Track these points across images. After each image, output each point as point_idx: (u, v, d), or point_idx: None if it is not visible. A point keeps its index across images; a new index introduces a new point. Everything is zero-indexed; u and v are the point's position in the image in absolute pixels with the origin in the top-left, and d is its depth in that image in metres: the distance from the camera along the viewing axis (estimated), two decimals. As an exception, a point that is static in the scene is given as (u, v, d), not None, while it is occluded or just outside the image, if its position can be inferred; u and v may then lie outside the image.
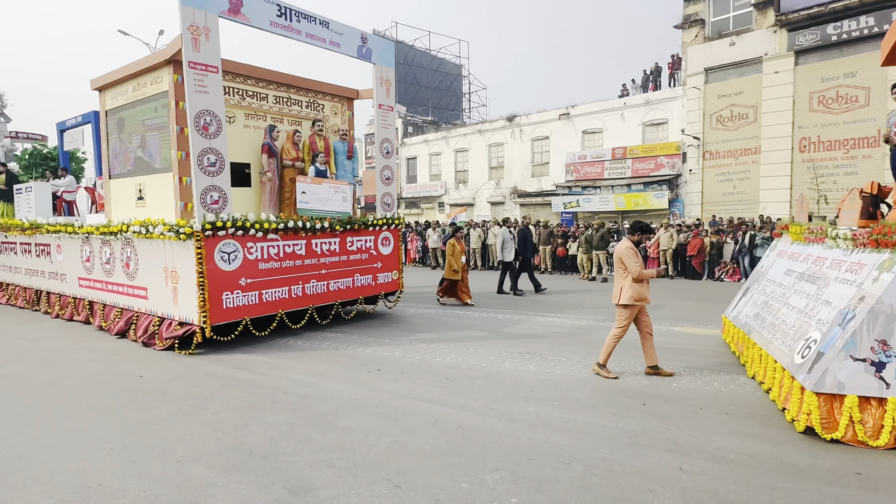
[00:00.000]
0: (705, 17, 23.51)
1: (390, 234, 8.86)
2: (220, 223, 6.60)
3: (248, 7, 6.92)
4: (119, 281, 7.79)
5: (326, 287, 7.92)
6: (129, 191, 8.02)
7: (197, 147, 6.52)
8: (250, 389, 5.23)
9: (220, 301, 6.74)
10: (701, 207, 23.66)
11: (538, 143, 29.65)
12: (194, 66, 6.45)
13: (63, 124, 12.75)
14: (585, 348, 6.84)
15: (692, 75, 23.70)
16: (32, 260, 9.97)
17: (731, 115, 22.86)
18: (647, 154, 25.53)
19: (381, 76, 8.55)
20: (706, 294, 12.39)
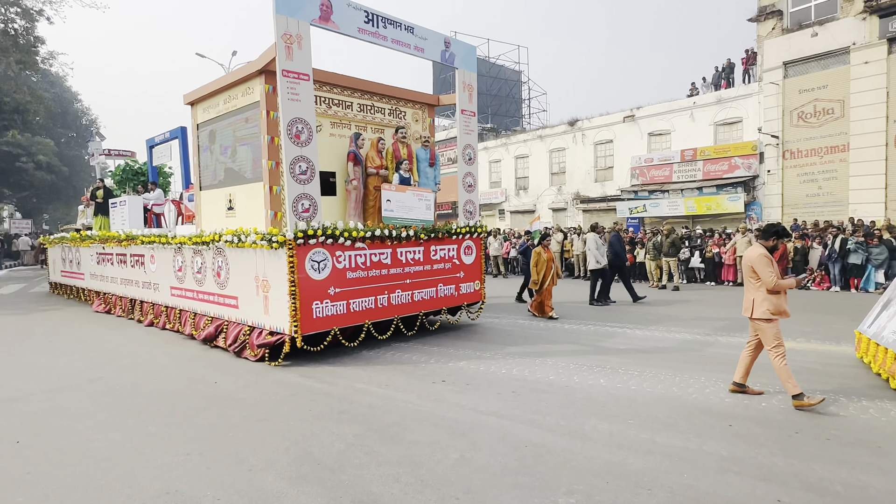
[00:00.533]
0: (783, 7, 22.00)
1: (473, 242, 8.53)
2: (310, 231, 6.47)
3: (338, 14, 6.79)
4: (210, 290, 7.82)
5: (411, 297, 7.67)
6: (220, 201, 8.08)
7: (289, 155, 6.41)
8: (317, 398, 5.22)
9: (311, 310, 6.59)
10: (781, 210, 22.05)
11: (601, 147, 28.69)
12: (287, 75, 6.36)
13: (152, 140, 13.24)
14: (687, 365, 6.24)
15: (769, 70, 22.22)
16: (128, 270, 10.29)
17: (815, 111, 21.24)
18: (720, 155, 24.11)
19: (464, 81, 8.27)
20: (791, 303, 11.39)
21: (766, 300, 4.66)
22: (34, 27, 31.20)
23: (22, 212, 42.72)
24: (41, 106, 32.58)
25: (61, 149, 40.92)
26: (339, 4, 6.79)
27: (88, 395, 5.48)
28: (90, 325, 9.89)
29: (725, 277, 15.82)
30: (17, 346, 8.00)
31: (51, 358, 7.18)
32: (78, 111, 46.68)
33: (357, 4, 6.96)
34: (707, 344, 7.32)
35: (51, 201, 43.04)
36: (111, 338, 8.49)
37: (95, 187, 13.27)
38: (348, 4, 6.87)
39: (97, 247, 11.63)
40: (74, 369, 6.51)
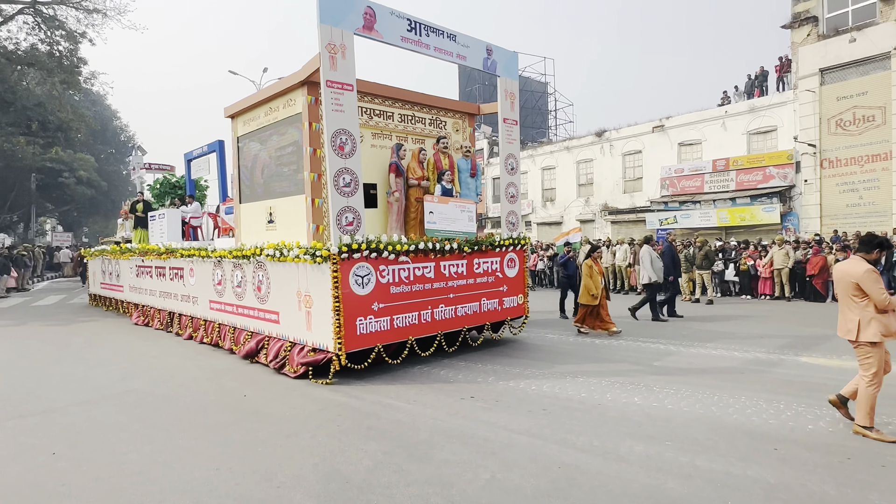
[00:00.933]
0: (818, 13, 21.26)
1: (516, 255, 8.18)
2: (355, 245, 6.21)
3: (381, 23, 6.58)
4: (250, 304, 7.62)
5: (454, 312, 7.34)
6: (260, 214, 7.90)
7: (333, 167, 6.19)
8: (345, 413, 5.14)
9: (354, 327, 6.32)
10: (820, 221, 21.12)
11: (630, 158, 28.09)
12: (331, 85, 6.15)
13: (190, 154, 13.26)
14: (746, 385, 5.77)
15: (805, 77, 21.45)
16: (166, 283, 10.20)
17: (854, 119, 20.39)
18: (754, 165, 23.31)
19: (506, 89, 7.98)
20: (833, 318, 10.71)
21: (874, 321, 4.15)
22: (77, 49, 32.06)
23: (63, 225, 43.84)
24: (83, 124, 33.38)
25: (101, 164, 41.91)
26: (383, 13, 6.59)
27: (122, 406, 5.49)
28: (125, 336, 9.98)
29: (762, 291, 15.09)
30: (55, 357, 8.07)
31: (87, 369, 7.22)
32: (117, 128, 47.90)
33: (400, 13, 6.75)
34: (774, 364, 6.81)
35: (90, 215, 44.08)
36: (145, 349, 8.55)
37: (135, 201, 13.34)
38: (391, 13, 6.66)
39: (136, 259, 11.61)
40: (109, 380, 6.55)
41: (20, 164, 32.96)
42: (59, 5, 31.55)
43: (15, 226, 38.03)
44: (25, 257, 25.20)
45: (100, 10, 32.03)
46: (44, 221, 43.88)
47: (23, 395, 5.98)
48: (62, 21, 31.59)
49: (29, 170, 34.05)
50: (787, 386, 5.71)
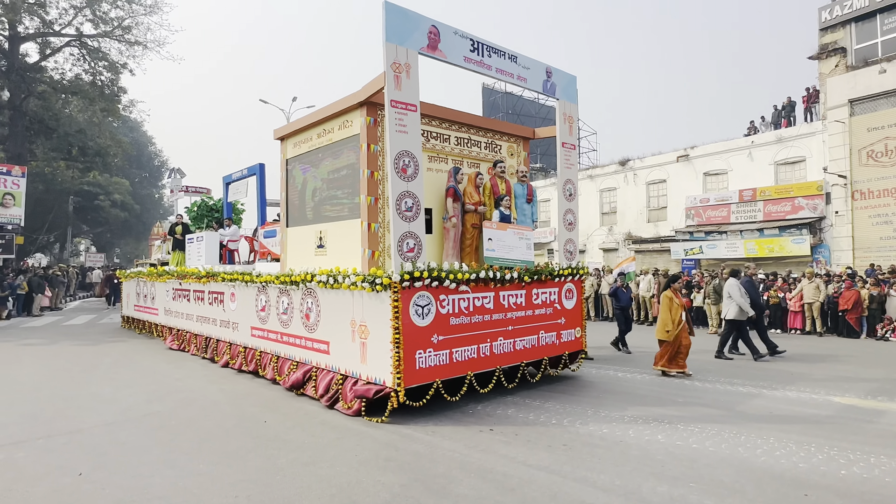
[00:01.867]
0: (846, 45, 20.75)
1: (574, 285, 7.56)
2: (417, 273, 5.66)
3: (445, 43, 6.16)
4: (297, 333, 7.07)
5: (513, 346, 6.71)
6: (309, 239, 7.42)
7: (395, 190, 5.69)
8: (363, 443, 4.99)
9: (414, 360, 5.72)
10: (852, 254, 20.17)
11: (654, 187, 27.46)
12: (396, 105, 5.70)
13: (229, 177, 12.95)
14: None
15: (833, 108, 20.81)
16: (205, 307, 9.72)
17: (886, 150, 19.62)
18: (782, 195, 22.50)
19: (565, 112, 7.49)
20: (868, 356, 9.86)
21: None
22: (118, 78, 32.69)
23: (97, 246, 44.15)
24: (120, 149, 33.77)
25: (135, 188, 42.35)
26: (447, 33, 6.17)
27: (146, 429, 5.44)
28: (151, 357, 9.89)
29: (792, 325, 14.19)
30: (84, 377, 8.03)
31: (113, 390, 7.15)
32: (151, 153, 48.60)
33: (463, 33, 6.33)
34: (881, 413, 6.02)
35: (122, 236, 44.38)
36: (169, 371, 8.50)
37: (174, 223, 13.01)
38: (455, 32, 6.25)
39: (174, 282, 11.19)
40: (134, 402, 6.49)
41: (59, 187, 33.33)
42: (103, 38, 32.36)
43: (51, 246, 38.29)
44: (60, 277, 25.17)
45: (141, 42, 32.77)
46: (78, 242, 44.22)
47: (51, 415, 5.94)
48: (105, 53, 32.40)
49: (67, 192, 34.42)
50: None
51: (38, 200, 31.06)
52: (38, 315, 19.54)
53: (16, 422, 5.69)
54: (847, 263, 19.48)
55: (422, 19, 5.95)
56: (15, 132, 28.94)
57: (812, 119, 22.59)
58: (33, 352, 10.67)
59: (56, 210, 34.13)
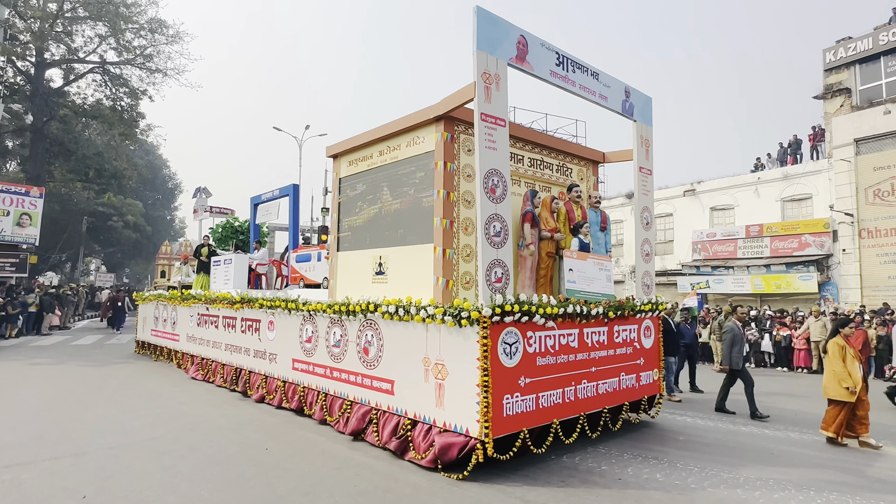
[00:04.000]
0: (851, 85, 20.48)
1: (651, 322, 6.65)
2: (508, 306, 4.74)
3: (533, 55, 5.40)
4: (352, 369, 6.07)
5: (596, 389, 5.75)
6: (365, 265, 6.49)
7: (485, 212, 4.82)
8: (362, 473, 4.81)
9: (501, 406, 4.75)
10: (860, 292, 19.41)
11: (661, 221, 26.79)
12: (486, 119, 4.88)
13: (258, 198, 12.06)
14: None
15: (839, 147, 20.39)
16: (237, 336, 8.67)
17: (893, 189, 19.12)
18: (789, 232, 21.86)
19: (642, 135, 6.72)
20: (874, 398, 9.08)
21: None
22: (138, 104, 32.19)
23: (107, 266, 42.83)
24: (135, 172, 32.99)
25: (147, 209, 41.33)
26: (534, 44, 5.41)
27: (150, 453, 5.27)
28: (156, 380, 9.55)
29: (798, 363, 13.26)
30: (90, 399, 7.78)
31: (119, 413, 6.93)
32: (165, 176, 47.70)
33: (549, 45, 5.58)
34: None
35: (133, 257, 43.10)
36: (174, 395, 8.21)
37: (200, 245, 12.01)
38: (542, 44, 5.49)
39: (200, 307, 10.13)
40: (139, 425, 6.30)
41: (74, 208, 32.35)
42: (125, 65, 32.00)
43: (63, 265, 36.97)
44: (70, 296, 24.04)
45: (161, 69, 32.40)
46: (89, 261, 42.86)
47: (58, 436, 5.77)
48: (127, 79, 32.00)
49: (82, 213, 33.41)
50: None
51: (53, 220, 30.02)
52: (47, 334, 18.72)
53: (23, 442, 5.52)
54: (855, 302, 18.76)
55: (511, 28, 5.19)
56: (35, 154, 28.23)
57: (818, 157, 22.18)
58: (41, 371, 10.28)
59: (70, 230, 33.03)
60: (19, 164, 32.41)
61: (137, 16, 31.50)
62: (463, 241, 5.56)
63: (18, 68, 28.90)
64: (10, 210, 22.32)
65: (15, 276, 21.49)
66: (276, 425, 6.41)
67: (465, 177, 5.64)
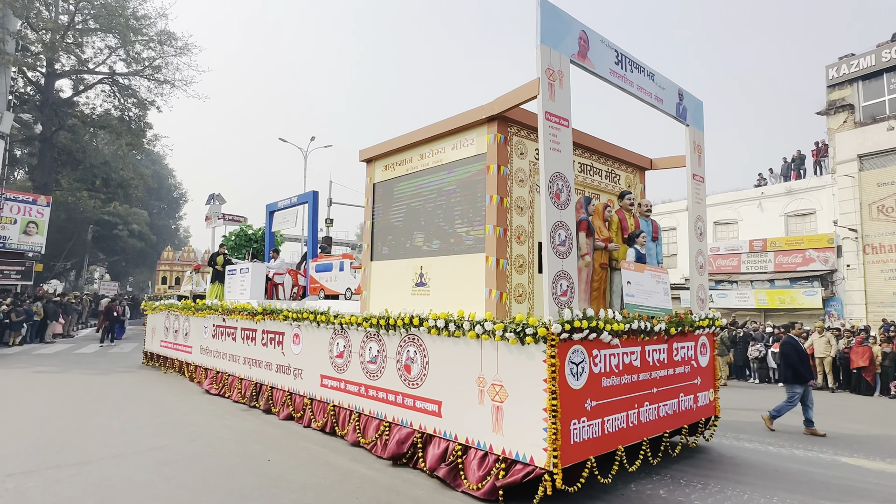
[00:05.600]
0: (854, 101, 20.23)
1: (707, 339, 6.11)
2: (577, 322, 4.19)
3: (594, 52, 4.92)
4: (390, 387, 5.49)
5: (657, 412, 5.19)
6: (403, 275, 5.93)
7: (550, 219, 4.30)
8: (365, 486, 4.64)
9: (569, 432, 4.18)
10: (865, 308, 18.96)
11: (664, 234, 26.38)
12: (550, 118, 4.38)
13: (274, 205, 11.48)
14: None
15: (843, 163, 20.09)
16: (257, 349, 8.05)
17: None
18: (793, 247, 21.46)
19: (694, 140, 6.24)
20: (880, 415, 8.90)
21: None
22: (145, 115, 31.76)
23: (111, 274, 41.97)
24: (142, 182, 32.37)
25: (153, 219, 40.62)
26: (595, 40, 4.94)
27: (152, 463, 5.12)
28: (159, 390, 9.32)
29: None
30: (94, 408, 7.57)
31: (121, 422, 6.74)
32: (171, 185, 47.00)
33: (609, 42, 5.11)
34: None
35: (137, 265, 42.27)
36: (176, 404, 8.01)
37: (216, 253, 11.39)
38: (601, 41, 5.02)
39: (215, 318, 9.50)
40: (142, 435, 6.14)
41: (80, 216, 31.68)
42: (134, 76, 31.63)
43: (67, 273, 36.12)
44: (74, 304, 23.33)
45: (169, 81, 32.03)
46: (93, 270, 41.98)
47: (61, 445, 5.63)
48: (135, 90, 31.62)
49: (87, 221, 32.73)
50: None
51: (59, 228, 29.33)
52: (51, 342, 18.19)
53: (27, 451, 5.39)
54: (860, 318, 18.31)
55: (573, 22, 4.71)
56: (43, 163, 27.71)
57: (822, 172, 21.88)
58: (44, 380, 10.06)
59: (75, 238, 32.30)
60: (27, 173, 31.78)
61: (147, 28, 31.17)
62: (515, 251, 5.03)
63: (29, 79, 28.50)
64: (17, 218, 21.74)
65: (20, 284, 20.79)
66: (278, 437, 6.23)
67: (517, 181, 5.13)
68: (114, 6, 28.82)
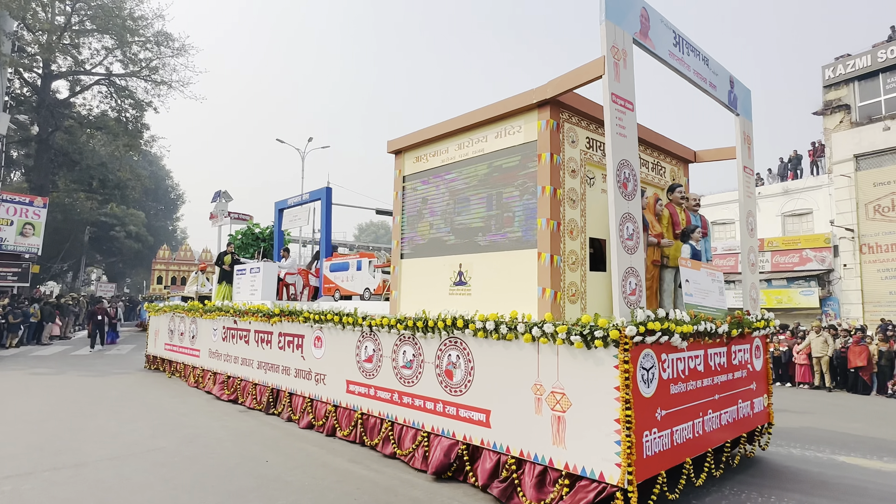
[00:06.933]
0: (850, 102, 20.02)
1: (760, 341, 5.66)
2: (652, 324, 3.71)
3: (654, 31, 4.46)
4: (429, 394, 4.97)
5: (719, 420, 4.72)
6: (439, 273, 5.41)
7: (618, 210, 3.82)
8: (363, 486, 4.53)
9: (642, 445, 3.70)
10: (862, 308, 18.71)
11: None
12: (616, 100, 3.91)
13: (283, 203, 10.92)
14: None
15: (839, 163, 19.86)
16: (273, 352, 7.49)
17: (893, 205, 18.57)
18: (790, 247, 21.20)
19: (744, 131, 5.80)
20: (878, 414, 8.66)
21: None
22: (142, 116, 31.01)
23: (108, 276, 40.97)
24: (139, 183, 31.56)
25: (150, 220, 39.70)
26: (655, 19, 4.48)
27: (149, 465, 5.00)
28: (156, 391, 9.13)
29: (800, 379, 12.44)
30: (91, 409, 7.42)
31: (119, 424, 6.60)
32: (168, 187, 46.03)
33: (667, 21, 4.65)
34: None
35: (134, 267, 41.29)
36: (174, 406, 7.85)
37: (223, 252, 10.79)
38: (661, 20, 4.56)
39: (225, 320, 8.92)
40: (139, 437, 6.00)
41: (77, 218, 30.79)
42: (131, 77, 30.89)
43: (64, 274, 35.12)
44: (71, 306, 22.59)
45: (167, 82, 31.34)
46: (90, 271, 40.92)
47: (58, 447, 5.50)
48: (132, 91, 30.89)
49: (84, 223, 31.82)
50: None
51: (56, 230, 28.46)
52: (47, 343, 17.74)
53: (23, 452, 5.28)
54: (857, 317, 18.09)
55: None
56: (40, 164, 26.90)
57: (818, 172, 21.67)
58: (41, 381, 9.89)
59: (72, 240, 31.38)
60: (23, 174, 30.85)
61: (144, 29, 30.45)
62: (568, 247, 4.55)
63: (25, 80, 27.69)
64: (13, 220, 21.02)
65: (16, 286, 20.04)
66: (276, 438, 6.09)
67: (568, 172, 4.65)
68: (110, 7, 28.12)
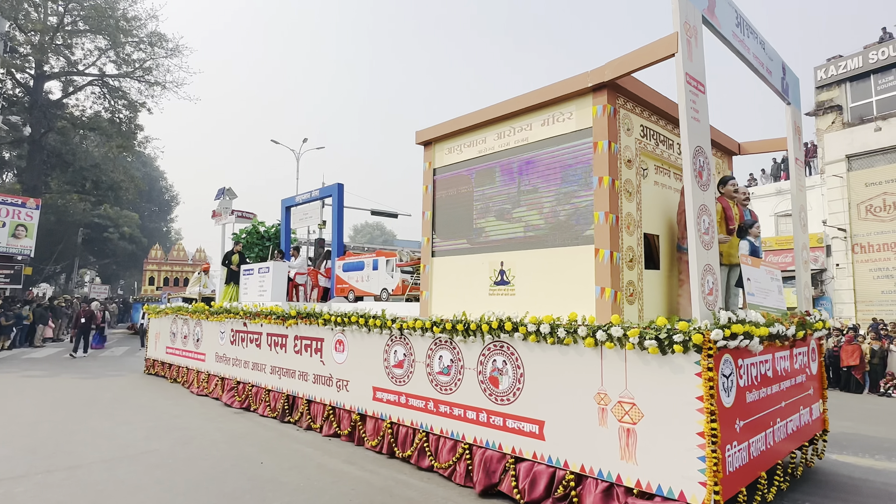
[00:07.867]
0: (842, 102, 19.92)
1: (816, 343, 5.28)
2: (736, 327, 3.30)
3: (720, 9, 4.07)
4: (470, 403, 4.52)
5: (786, 429, 4.33)
6: (478, 272, 4.96)
7: (695, 202, 3.41)
8: (358, 488, 4.40)
9: (724, 460, 3.28)
10: (854, 307, 18.57)
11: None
12: (690, 81, 3.50)
13: (290, 200, 10.40)
14: None
15: (831, 163, 19.73)
16: (288, 357, 6.99)
17: (885, 205, 18.42)
18: (783, 247, 21.00)
19: (795, 122, 5.44)
20: (870, 413, 8.55)
21: None
22: (136, 116, 30.31)
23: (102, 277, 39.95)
24: (133, 184, 30.76)
25: (143, 221, 38.79)
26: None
27: (144, 467, 4.90)
28: (150, 393, 9.01)
29: None
30: (84, 412, 7.31)
31: (112, 426, 6.50)
32: (162, 188, 45.05)
33: (731, 1, 4.26)
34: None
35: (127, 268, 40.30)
36: (168, 408, 7.72)
37: (230, 252, 10.24)
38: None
39: (234, 322, 8.39)
40: (133, 439, 5.91)
41: (70, 219, 29.92)
42: (124, 78, 30.21)
43: (57, 276, 34.11)
44: (64, 308, 21.88)
45: (160, 82, 30.71)
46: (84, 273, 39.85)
47: (51, 450, 5.41)
48: (125, 92, 30.24)
49: (78, 224, 30.95)
50: None
51: (49, 231, 27.59)
52: (40, 346, 17.22)
53: (16, 455, 5.19)
54: (849, 316, 17.96)
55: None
56: (32, 165, 26.12)
57: (811, 173, 21.57)
58: (34, 384, 9.75)
59: (65, 241, 30.46)
60: (16, 176, 29.93)
61: (137, 29, 29.80)
62: (626, 243, 4.13)
63: (18, 80, 26.88)
64: (5, 221, 20.31)
65: (9, 288, 19.31)
66: (271, 439, 5.99)
67: (625, 162, 4.23)
68: (103, 7, 27.43)
